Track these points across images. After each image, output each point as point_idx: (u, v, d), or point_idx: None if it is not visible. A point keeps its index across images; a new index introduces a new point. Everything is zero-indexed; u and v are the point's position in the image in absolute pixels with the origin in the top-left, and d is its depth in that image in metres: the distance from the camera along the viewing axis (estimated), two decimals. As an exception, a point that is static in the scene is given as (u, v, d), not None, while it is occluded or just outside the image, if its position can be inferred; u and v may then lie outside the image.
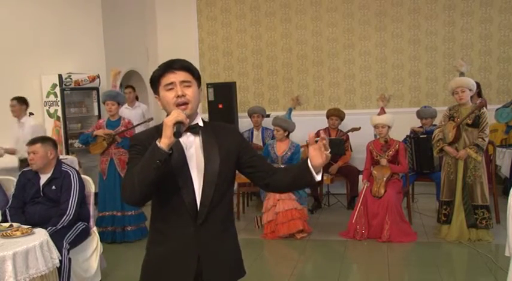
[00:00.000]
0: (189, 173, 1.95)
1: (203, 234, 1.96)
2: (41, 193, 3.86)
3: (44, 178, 3.89)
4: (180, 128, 1.83)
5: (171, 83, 1.95)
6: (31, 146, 3.86)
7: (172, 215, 1.97)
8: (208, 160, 1.97)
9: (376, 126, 5.47)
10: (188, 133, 1.98)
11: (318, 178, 2.03)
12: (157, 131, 1.93)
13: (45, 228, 3.62)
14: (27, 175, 3.95)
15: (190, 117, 1.97)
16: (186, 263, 1.97)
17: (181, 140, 1.93)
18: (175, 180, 1.93)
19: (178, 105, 1.93)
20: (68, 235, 3.73)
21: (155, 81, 2.00)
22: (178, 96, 1.94)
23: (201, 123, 2.04)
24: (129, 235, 5.38)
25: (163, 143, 1.81)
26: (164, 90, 1.97)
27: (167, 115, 1.95)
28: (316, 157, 2.01)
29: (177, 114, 1.84)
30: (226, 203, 2.04)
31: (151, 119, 6.31)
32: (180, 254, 1.97)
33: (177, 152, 1.92)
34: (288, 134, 5.88)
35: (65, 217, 3.77)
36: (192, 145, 1.99)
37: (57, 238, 3.60)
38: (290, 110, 6.30)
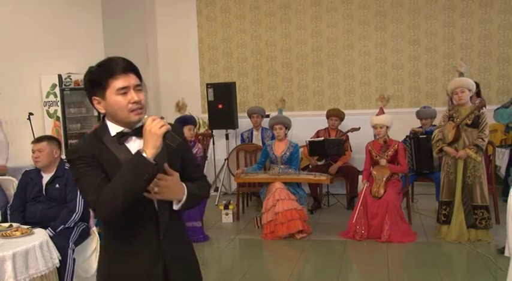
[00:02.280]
0: None
1: (167, 245, 1.88)
2: (44, 192, 3.87)
3: (46, 177, 3.91)
4: (175, 136, 1.75)
5: (126, 87, 1.80)
6: (36, 144, 3.90)
7: (132, 227, 1.84)
8: (159, 165, 1.82)
9: (374, 127, 5.48)
10: (133, 137, 1.86)
11: (175, 207, 1.87)
12: (98, 139, 1.83)
13: (53, 226, 3.65)
14: (29, 174, 3.97)
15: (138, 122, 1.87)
16: (151, 274, 1.87)
17: (128, 146, 1.85)
18: None
19: (133, 111, 1.81)
20: (72, 235, 3.76)
21: (100, 82, 1.81)
22: (134, 102, 1.80)
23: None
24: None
25: (151, 154, 1.70)
26: (115, 95, 1.80)
27: (103, 118, 1.87)
28: None
29: (162, 123, 1.74)
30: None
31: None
32: (146, 268, 1.86)
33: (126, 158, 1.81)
34: (286, 133, 5.89)
35: (74, 214, 3.82)
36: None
37: (62, 238, 3.62)
38: (280, 111, 6.32)
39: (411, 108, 7.41)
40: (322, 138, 6.48)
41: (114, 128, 1.87)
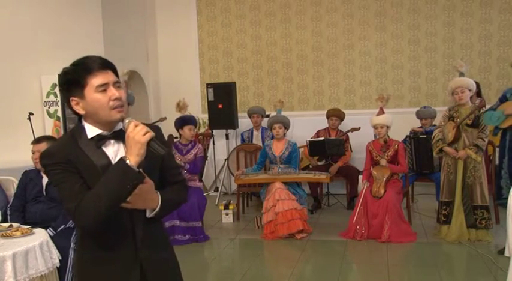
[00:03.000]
0: None
1: (143, 250, 1.83)
2: (44, 192, 3.87)
3: (46, 177, 3.90)
4: (160, 144, 1.68)
5: (105, 84, 1.74)
6: (36, 145, 3.89)
7: (108, 234, 1.78)
8: None
9: (375, 127, 5.48)
10: (112, 141, 1.79)
11: (147, 214, 1.82)
12: (74, 141, 1.76)
13: (53, 226, 3.66)
14: (29, 174, 3.97)
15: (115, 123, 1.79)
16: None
17: (105, 150, 1.77)
18: None
19: (114, 108, 1.73)
20: (73, 235, 3.75)
21: (78, 80, 1.75)
22: (115, 99, 1.73)
23: (122, 128, 1.80)
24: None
25: (135, 161, 1.63)
26: (95, 92, 1.73)
27: (83, 119, 1.79)
28: None
29: (146, 130, 1.66)
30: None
31: (165, 118, 6.30)
32: (123, 274, 1.82)
33: (105, 166, 1.73)
34: (285, 133, 5.90)
35: None
36: (117, 154, 1.78)
37: (63, 238, 3.63)
38: (279, 111, 6.32)
39: (411, 108, 7.41)
40: (322, 138, 6.49)
41: (91, 131, 1.79)
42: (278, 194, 5.35)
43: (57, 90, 6.61)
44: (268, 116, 7.16)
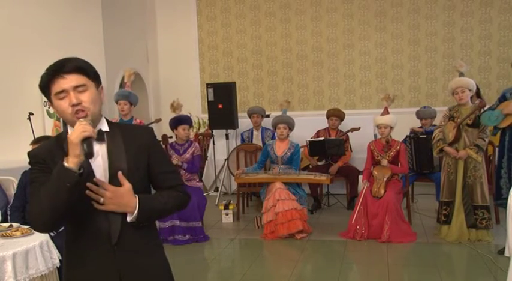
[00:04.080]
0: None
1: (120, 255, 1.77)
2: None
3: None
4: (90, 146, 1.63)
5: (63, 91, 1.71)
6: (35, 146, 3.87)
7: (84, 235, 1.77)
8: (113, 172, 1.74)
9: (378, 127, 5.46)
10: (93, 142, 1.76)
11: (128, 219, 1.76)
12: (58, 143, 1.76)
13: None
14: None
15: (94, 124, 1.75)
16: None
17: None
18: (82, 197, 1.68)
19: (76, 114, 1.70)
20: None
21: (44, 88, 1.77)
22: (73, 105, 1.70)
23: (105, 128, 1.80)
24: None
25: (72, 162, 1.60)
26: (56, 99, 1.73)
27: (65, 124, 1.79)
28: None
29: (82, 129, 1.62)
30: None
31: (160, 120, 6.31)
32: (100, 277, 1.79)
33: (83, 165, 1.68)
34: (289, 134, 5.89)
35: None
36: (98, 154, 1.76)
37: (63, 237, 3.61)
38: (285, 111, 6.32)
39: (411, 108, 7.42)
40: (322, 138, 6.48)
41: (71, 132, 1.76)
42: (278, 194, 5.35)
43: (57, 90, 6.62)
44: (268, 116, 7.16)
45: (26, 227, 3.41)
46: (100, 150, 1.76)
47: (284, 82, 8.36)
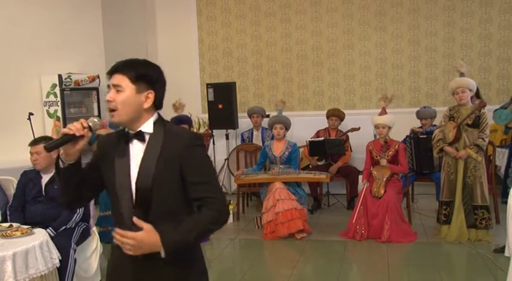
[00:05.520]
0: (129, 185, 1.81)
1: (139, 256, 1.78)
2: (43, 193, 3.87)
3: (46, 178, 3.90)
4: (58, 142, 1.77)
5: (109, 86, 1.86)
6: (34, 147, 3.86)
7: (117, 225, 1.87)
8: (141, 174, 1.80)
9: (376, 127, 5.47)
10: (135, 141, 1.85)
11: (162, 254, 1.75)
12: (119, 134, 1.90)
13: (53, 226, 3.66)
14: (28, 174, 3.96)
15: (131, 124, 1.84)
16: (124, 276, 1.89)
17: (131, 146, 1.85)
18: (117, 191, 1.83)
19: (109, 110, 1.84)
20: (73, 235, 3.76)
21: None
22: (107, 101, 1.83)
23: (149, 130, 1.84)
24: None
25: (63, 153, 1.81)
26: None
27: None
28: None
29: (71, 125, 1.79)
30: (171, 220, 1.78)
31: None
32: (121, 266, 1.89)
33: (122, 161, 1.84)
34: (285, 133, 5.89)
35: (76, 215, 3.82)
36: (138, 154, 1.84)
37: (63, 238, 3.63)
38: (280, 111, 6.32)
39: (411, 108, 7.41)
40: (322, 138, 6.48)
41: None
42: (278, 194, 5.35)
43: (57, 90, 6.62)
44: (268, 116, 7.16)
45: (26, 227, 3.41)
46: (140, 150, 1.84)
47: (284, 82, 8.35)
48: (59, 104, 6.61)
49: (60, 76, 6.58)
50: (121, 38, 7.62)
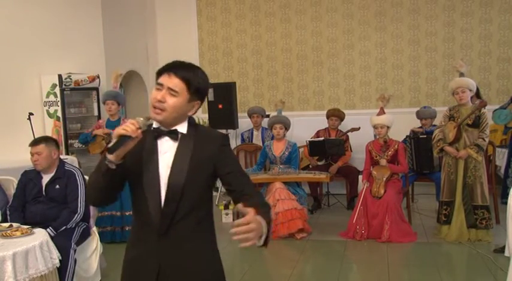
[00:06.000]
0: (158, 180, 1.87)
1: (165, 246, 1.87)
2: (43, 193, 3.86)
3: (46, 178, 3.89)
4: (118, 144, 1.76)
5: (161, 85, 1.87)
6: (34, 147, 3.85)
7: (140, 220, 1.93)
8: (174, 170, 1.86)
9: (375, 127, 5.47)
10: (166, 138, 1.90)
11: (258, 243, 1.84)
12: (149, 128, 1.91)
13: (53, 226, 3.66)
14: (29, 174, 3.95)
15: (169, 123, 1.89)
16: (145, 272, 1.91)
17: (159, 143, 1.89)
18: (144, 185, 1.87)
19: (154, 107, 1.86)
20: (74, 235, 3.75)
21: (158, 73, 1.94)
22: (157, 99, 1.85)
23: (183, 130, 1.92)
24: (128, 234, 5.36)
25: (111, 155, 1.78)
26: (155, 87, 1.91)
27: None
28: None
29: (125, 126, 1.79)
30: (196, 217, 1.90)
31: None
32: (141, 262, 1.92)
33: (150, 157, 1.87)
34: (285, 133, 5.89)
35: (76, 215, 3.82)
36: (168, 151, 1.90)
37: (64, 238, 3.63)
38: (280, 111, 6.33)
39: (411, 108, 7.41)
40: (322, 138, 6.48)
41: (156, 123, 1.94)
42: (278, 194, 5.35)
43: (57, 90, 6.62)
44: (268, 116, 7.16)
45: (26, 227, 3.41)
46: (171, 148, 1.89)
47: (284, 82, 8.35)
48: (59, 104, 6.61)
49: (60, 76, 6.57)
50: (121, 38, 7.62)
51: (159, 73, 1.90)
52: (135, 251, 1.95)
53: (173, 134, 1.89)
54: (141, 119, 1.84)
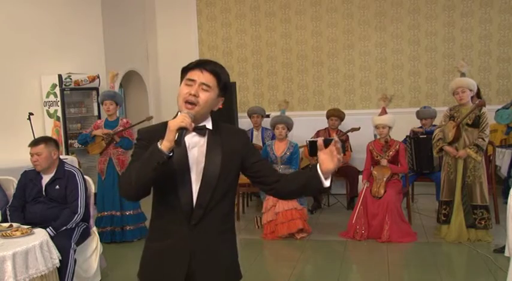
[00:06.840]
0: (188, 174, 1.94)
1: (196, 235, 1.96)
2: (43, 193, 3.86)
3: (46, 178, 3.89)
4: (181, 136, 1.81)
5: (192, 80, 1.94)
6: (34, 148, 3.84)
7: (168, 213, 1.98)
8: (209, 163, 1.96)
9: (377, 127, 5.47)
10: (194, 133, 1.96)
11: (327, 183, 1.95)
12: (165, 128, 1.91)
13: (53, 226, 3.66)
14: (28, 175, 3.94)
15: (197, 119, 1.95)
16: (178, 261, 1.97)
17: (186, 139, 1.91)
18: (173, 179, 1.93)
19: (186, 102, 1.92)
20: (74, 235, 3.75)
21: (185, 70, 2.00)
22: (190, 94, 1.92)
23: (209, 126, 2.02)
24: (129, 234, 5.37)
25: (165, 146, 1.80)
26: (184, 83, 1.96)
27: (176, 115, 1.95)
28: (327, 161, 1.98)
29: (182, 119, 1.83)
30: (224, 206, 2.02)
31: (151, 117, 6.30)
32: (173, 252, 1.97)
33: (179, 152, 1.91)
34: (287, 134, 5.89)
35: (76, 215, 3.82)
36: (196, 146, 1.98)
37: (64, 238, 3.63)
38: (283, 112, 6.32)
39: (411, 108, 7.41)
40: (322, 138, 6.47)
41: None
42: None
43: (57, 90, 6.62)
44: (268, 116, 7.16)
45: (26, 227, 3.41)
46: (198, 142, 1.98)
47: (284, 82, 8.36)
48: (59, 104, 6.61)
49: (60, 76, 6.58)
50: (121, 38, 7.62)
51: (186, 70, 1.97)
52: (164, 244, 1.99)
53: (201, 130, 1.98)
54: (190, 112, 1.89)
